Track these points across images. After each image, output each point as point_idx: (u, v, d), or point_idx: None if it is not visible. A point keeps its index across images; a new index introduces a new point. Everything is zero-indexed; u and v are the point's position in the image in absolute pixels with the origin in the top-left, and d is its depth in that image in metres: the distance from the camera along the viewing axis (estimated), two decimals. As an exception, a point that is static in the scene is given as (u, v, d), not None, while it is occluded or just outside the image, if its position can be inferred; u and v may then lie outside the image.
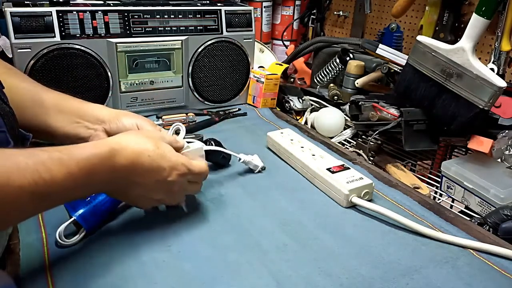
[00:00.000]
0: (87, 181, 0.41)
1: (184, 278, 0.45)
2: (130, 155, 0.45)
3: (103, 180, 0.44)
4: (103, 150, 0.43)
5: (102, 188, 0.46)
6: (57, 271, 0.44)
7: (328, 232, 0.54)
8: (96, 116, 0.58)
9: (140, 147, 0.47)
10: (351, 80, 0.95)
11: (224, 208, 0.58)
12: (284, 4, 1.46)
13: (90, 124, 0.58)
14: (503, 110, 0.81)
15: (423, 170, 0.90)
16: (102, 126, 0.58)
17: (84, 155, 0.41)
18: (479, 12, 0.68)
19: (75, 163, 0.40)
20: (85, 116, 0.58)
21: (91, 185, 0.43)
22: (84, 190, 0.43)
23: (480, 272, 0.48)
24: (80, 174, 0.40)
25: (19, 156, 0.37)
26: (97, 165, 0.42)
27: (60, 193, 0.40)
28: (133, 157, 0.46)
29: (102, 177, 0.43)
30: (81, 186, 0.41)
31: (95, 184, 0.43)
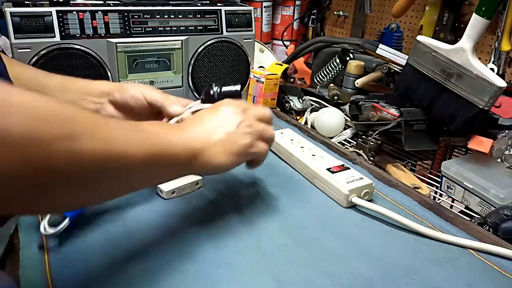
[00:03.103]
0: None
1: (185, 278, 0.45)
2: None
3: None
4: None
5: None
6: (57, 271, 0.44)
7: (328, 232, 0.54)
8: (101, 90, 0.61)
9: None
10: (351, 80, 0.95)
11: (223, 208, 0.58)
12: (284, 4, 1.46)
13: (96, 98, 0.60)
14: (503, 110, 0.81)
15: (423, 170, 0.90)
16: (107, 98, 0.60)
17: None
18: (479, 12, 0.68)
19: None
20: (90, 92, 0.60)
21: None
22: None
23: (480, 272, 0.48)
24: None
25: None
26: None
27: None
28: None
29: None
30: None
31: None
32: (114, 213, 0.54)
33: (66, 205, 0.35)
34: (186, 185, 0.60)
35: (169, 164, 0.43)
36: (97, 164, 0.33)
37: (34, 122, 0.28)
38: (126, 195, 0.42)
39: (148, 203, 0.57)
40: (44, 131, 0.29)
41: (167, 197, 0.58)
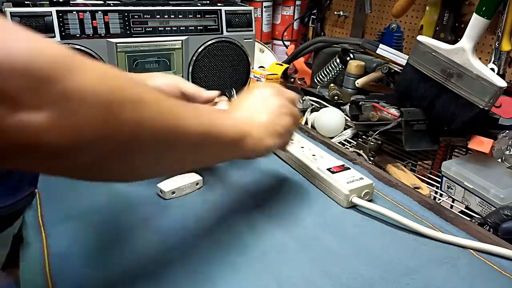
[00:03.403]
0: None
1: (185, 278, 0.45)
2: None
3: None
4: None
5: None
6: (57, 271, 0.44)
7: (328, 232, 0.53)
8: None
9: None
10: (351, 80, 0.95)
11: (223, 208, 0.58)
12: (285, 4, 1.46)
13: None
14: (504, 110, 0.81)
15: (423, 170, 0.90)
16: None
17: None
18: (479, 12, 0.68)
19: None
20: None
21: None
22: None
23: (480, 272, 0.48)
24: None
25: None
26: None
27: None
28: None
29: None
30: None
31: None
32: (114, 213, 0.54)
33: (129, 174, 0.36)
34: (186, 185, 0.60)
35: (221, 144, 0.44)
36: (159, 133, 0.34)
37: (113, 84, 0.30)
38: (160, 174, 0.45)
39: (148, 203, 0.57)
40: (120, 93, 0.30)
41: (168, 197, 0.58)
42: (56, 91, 0.26)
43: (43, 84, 0.25)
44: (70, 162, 0.29)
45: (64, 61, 0.27)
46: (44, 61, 0.25)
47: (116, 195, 0.58)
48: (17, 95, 0.24)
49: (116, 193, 0.59)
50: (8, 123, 0.24)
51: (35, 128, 0.25)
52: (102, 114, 0.28)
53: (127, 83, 0.32)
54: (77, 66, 0.27)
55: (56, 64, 0.26)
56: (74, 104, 0.27)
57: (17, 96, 0.24)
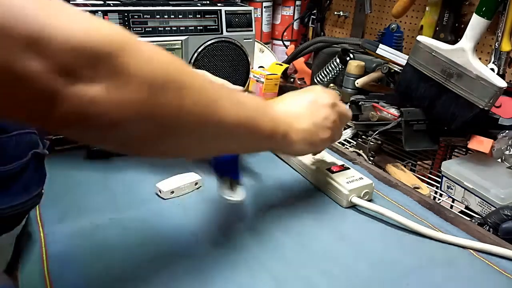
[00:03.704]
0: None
1: (183, 278, 0.44)
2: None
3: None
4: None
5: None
6: (56, 271, 0.44)
7: (328, 232, 0.53)
8: None
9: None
10: (351, 80, 0.95)
11: (223, 208, 0.58)
12: (284, 4, 1.46)
13: None
14: (503, 110, 0.81)
15: (423, 170, 0.89)
16: None
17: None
18: (479, 12, 0.68)
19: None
20: None
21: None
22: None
23: (480, 272, 0.48)
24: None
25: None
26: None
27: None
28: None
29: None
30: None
31: None
32: (113, 213, 0.54)
33: (166, 153, 0.39)
34: (185, 185, 0.60)
35: (254, 137, 0.45)
36: (197, 118, 0.36)
37: (160, 67, 0.32)
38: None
39: (147, 203, 0.57)
40: (165, 76, 0.33)
41: (166, 197, 0.58)
42: (109, 67, 0.29)
43: (98, 60, 0.28)
44: (114, 135, 0.31)
45: (118, 41, 0.29)
46: (101, 40, 0.28)
47: (115, 195, 0.58)
48: (76, 69, 0.27)
49: (115, 193, 0.59)
50: (67, 93, 0.27)
51: (89, 99, 0.28)
52: (146, 93, 0.31)
53: (173, 68, 0.34)
54: (129, 47, 0.30)
55: (111, 44, 0.29)
56: (123, 81, 0.29)
57: (75, 70, 0.27)
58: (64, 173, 0.61)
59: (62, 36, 0.26)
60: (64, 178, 0.60)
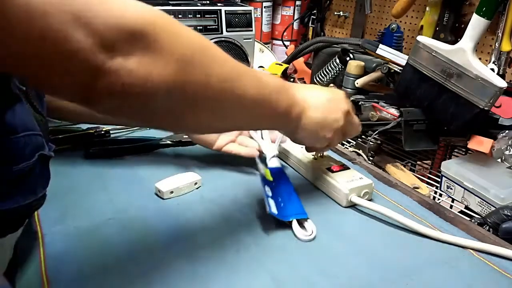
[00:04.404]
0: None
1: (182, 278, 0.44)
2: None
3: None
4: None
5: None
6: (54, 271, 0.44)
7: (328, 231, 0.53)
8: None
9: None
10: (351, 80, 0.95)
11: (223, 208, 0.58)
12: (284, 4, 1.46)
13: None
14: (503, 110, 0.81)
15: (422, 170, 0.89)
16: None
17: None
18: (479, 12, 0.68)
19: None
20: None
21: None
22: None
23: (480, 273, 0.48)
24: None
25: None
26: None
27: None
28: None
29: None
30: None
31: None
32: (112, 212, 0.54)
33: (191, 126, 0.43)
34: (184, 185, 0.60)
35: (272, 110, 0.47)
36: (222, 91, 0.39)
37: (187, 45, 0.36)
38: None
39: (146, 203, 0.57)
40: (192, 52, 0.36)
41: (166, 197, 0.58)
42: (143, 43, 0.32)
43: (134, 37, 0.31)
44: (146, 106, 0.35)
45: (151, 19, 0.33)
46: (135, 19, 0.32)
47: (114, 195, 0.58)
48: (115, 44, 0.31)
49: (114, 192, 0.59)
50: (108, 66, 0.31)
51: (127, 72, 0.31)
52: (176, 66, 0.34)
53: (200, 44, 0.37)
54: (160, 24, 0.34)
55: (144, 22, 0.32)
56: (156, 55, 0.33)
57: (115, 45, 0.31)
58: (63, 173, 0.61)
59: (103, 14, 0.30)
60: (63, 178, 0.60)
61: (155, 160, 0.68)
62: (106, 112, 0.35)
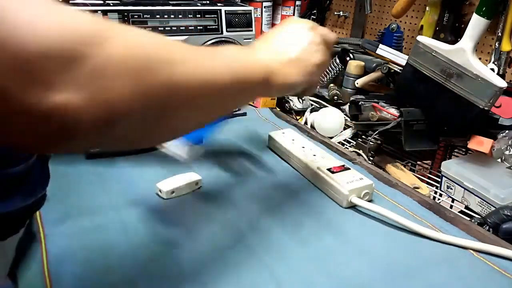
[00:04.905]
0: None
1: (183, 278, 0.44)
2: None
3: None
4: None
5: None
6: (56, 270, 0.44)
7: (328, 232, 0.53)
8: None
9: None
10: (351, 80, 0.95)
11: (223, 208, 0.58)
12: (284, 4, 1.46)
13: None
14: (503, 110, 0.81)
15: (423, 170, 0.89)
16: None
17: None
18: (479, 12, 0.68)
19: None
20: None
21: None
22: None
23: (480, 273, 0.48)
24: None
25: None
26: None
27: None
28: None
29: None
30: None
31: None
32: (113, 213, 0.54)
33: (171, 132, 0.38)
34: (185, 185, 0.60)
35: (250, 85, 0.43)
36: (194, 88, 0.34)
37: (141, 51, 0.30)
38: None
39: (147, 203, 0.57)
40: (149, 58, 0.30)
41: (167, 197, 0.58)
42: (85, 70, 0.25)
43: (71, 64, 0.24)
44: (113, 134, 0.29)
45: (90, 36, 0.26)
46: (70, 40, 0.24)
47: (115, 195, 0.58)
48: (48, 76, 0.23)
49: (115, 193, 0.59)
50: (45, 105, 0.23)
51: (72, 108, 0.24)
52: (134, 82, 0.28)
53: (155, 46, 0.32)
54: (104, 39, 0.26)
55: (82, 42, 0.25)
56: (105, 80, 0.26)
57: (49, 77, 0.23)
58: (64, 173, 0.61)
59: (19, 35, 0.22)
60: (64, 178, 0.60)
61: (155, 160, 0.68)
62: (83, 151, 0.32)
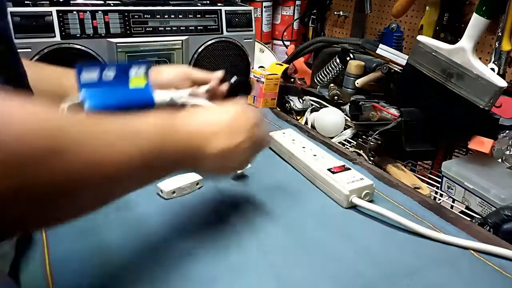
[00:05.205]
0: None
1: (185, 278, 0.45)
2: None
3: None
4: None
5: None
6: (57, 270, 0.44)
7: (328, 232, 0.53)
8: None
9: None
10: (351, 80, 0.95)
11: (224, 208, 0.58)
12: (284, 4, 1.46)
13: None
14: (504, 110, 0.81)
15: (423, 170, 0.89)
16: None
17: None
18: (479, 12, 0.68)
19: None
20: None
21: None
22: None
23: (480, 273, 0.48)
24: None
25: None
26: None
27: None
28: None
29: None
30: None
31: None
32: (114, 213, 0.54)
33: (67, 217, 0.35)
34: (186, 185, 0.60)
35: (161, 166, 0.41)
36: (87, 174, 0.32)
37: (22, 140, 0.27)
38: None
39: (148, 203, 0.57)
40: (33, 148, 0.28)
41: (168, 197, 0.58)
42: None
43: None
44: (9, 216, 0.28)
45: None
46: None
47: (116, 195, 0.58)
48: None
49: (116, 193, 0.59)
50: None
51: None
52: (19, 176, 0.27)
53: (48, 134, 0.29)
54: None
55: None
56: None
57: None
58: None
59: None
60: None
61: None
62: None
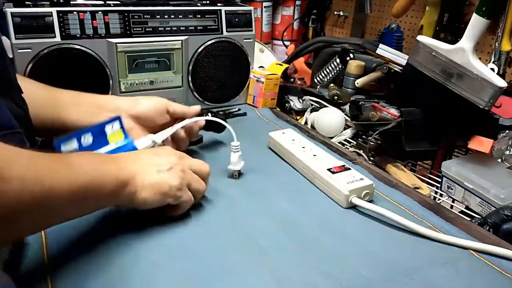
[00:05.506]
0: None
1: (184, 278, 0.45)
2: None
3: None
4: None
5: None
6: (57, 271, 0.44)
7: (328, 232, 0.53)
8: (116, 104, 0.64)
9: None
10: (351, 80, 0.95)
11: (223, 208, 0.58)
12: (284, 4, 1.46)
13: (110, 113, 0.62)
14: (504, 110, 0.81)
15: (423, 170, 0.89)
16: (127, 113, 0.64)
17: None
18: (479, 12, 0.68)
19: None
20: (105, 106, 0.63)
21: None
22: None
23: (480, 273, 0.48)
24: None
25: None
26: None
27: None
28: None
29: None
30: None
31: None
32: (113, 213, 0.54)
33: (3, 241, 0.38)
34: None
35: (95, 196, 0.44)
36: (27, 203, 0.35)
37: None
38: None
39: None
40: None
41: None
42: None
43: None
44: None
45: None
46: None
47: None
48: None
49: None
50: None
51: None
52: None
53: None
54: None
55: None
56: None
57: None
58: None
59: None
60: None
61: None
62: None
